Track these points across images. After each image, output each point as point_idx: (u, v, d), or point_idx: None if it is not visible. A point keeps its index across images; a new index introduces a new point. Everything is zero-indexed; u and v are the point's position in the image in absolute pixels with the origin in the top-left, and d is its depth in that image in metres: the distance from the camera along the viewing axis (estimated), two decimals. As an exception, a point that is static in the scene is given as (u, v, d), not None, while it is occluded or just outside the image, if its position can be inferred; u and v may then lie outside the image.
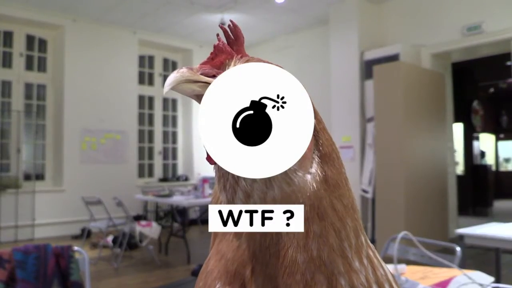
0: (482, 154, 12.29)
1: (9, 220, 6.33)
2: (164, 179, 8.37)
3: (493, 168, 12.49)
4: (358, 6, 6.51)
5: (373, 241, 5.77)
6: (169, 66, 8.82)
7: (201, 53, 8.66)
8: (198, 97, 0.48)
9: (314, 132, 0.52)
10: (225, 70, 0.52)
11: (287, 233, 0.48)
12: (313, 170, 0.50)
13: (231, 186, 0.50)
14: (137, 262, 5.22)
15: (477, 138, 11.42)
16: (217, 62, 0.53)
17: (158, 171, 8.53)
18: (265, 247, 0.49)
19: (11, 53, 6.85)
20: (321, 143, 0.53)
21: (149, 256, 5.31)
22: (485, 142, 13.11)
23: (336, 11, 6.78)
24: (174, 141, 8.89)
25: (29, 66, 7.05)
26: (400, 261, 2.03)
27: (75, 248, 2.29)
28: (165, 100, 8.69)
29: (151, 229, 5.36)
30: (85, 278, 2.21)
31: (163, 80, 8.63)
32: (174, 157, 8.87)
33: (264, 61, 0.54)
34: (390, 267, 1.88)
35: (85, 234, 5.99)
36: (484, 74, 9.64)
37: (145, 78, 8.43)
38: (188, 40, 8.42)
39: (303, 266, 0.47)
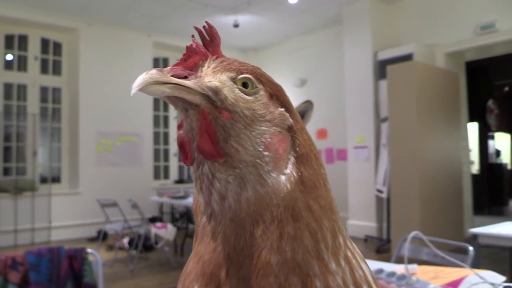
0: (498, 153, 12.16)
1: (25, 223, 6.42)
2: (179, 181, 8.41)
3: (509, 166, 12.26)
4: (371, 6, 6.47)
5: (388, 241, 5.71)
6: (183, 68, 8.86)
7: (214, 55, 8.67)
8: (169, 99, 0.48)
9: (291, 133, 0.52)
10: (198, 71, 0.51)
11: (261, 234, 0.47)
12: (287, 171, 0.50)
13: (207, 188, 0.50)
14: (153, 264, 5.25)
15: (492, 137, 11.28)
16: (190, 64, 0.52)
17: (173, 173, 8.57)
18: (239, 248, 0.48)
19: (26, 57, 6.96)
20: (298, 143, 0.52)
21: (165, 258, 5.34)
22: (501, 141, 12.92)
23: (349, 11, 6.74)
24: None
25: (44, 70, 7.15)
26: (413, 261, 2.01)
27: (89, 250, 2.30)
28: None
29: (167, 231, 5.39)
30: (98, 280, 2.22)
31: (176, 82, 8.67)
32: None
33: (240, 62, 0.54)
34: (401, 267, 1.85)
35: (101, 236, 6.04)
36: (499, 72, 9.48)
37: (159, 80, 8.48)
38: (201, 42, 8.45)
39: (276, 268, 0.46)
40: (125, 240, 5.59)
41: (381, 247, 5.65)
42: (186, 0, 6.43)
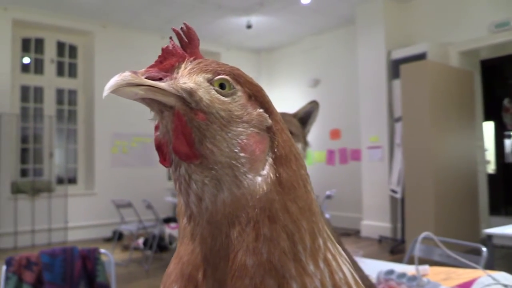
0: (514, 152, 11.89)
1: (43, 224, 6.53)
2: (193, 182, 8.44)
3: (526, 165, 12.01)
4: (384, 5, 6.42)
5: (402, 241, 5.65)
6: (196, 69, 8.91)
7: (229, 56, 8.71)
8: (144, 101, 0.48)
9: (270, 134, 0.52)
10: (174, 73, 0.51)
11: (237, 236, 0.47)
12: (264, 172, 0.50)
13: (185, 189, 0.50)
14: (167, 264, 5.19)
15: (509, 136, 11.05)
16: (167, 65, 0.52)
17: (186, 174, 8.62)
18: (215, 250, 0.48)
19: (42, 60, 7.08)
20: (276, 144, 0.52)
21: (177, 258, 5.36)
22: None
23: (362, 11, 6.70)
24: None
25: (60, 72, 7.27)
26: (426, 262, 1.99)
27: (101, 250, 2.33)
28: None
29: (180, 231, 5.41)
30: (111, 280, 2.25)
31: (190, 83, 8.72)
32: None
33: (218, 63, 0.53)
34: (412, 268, 1.83)
35: (116, 237, 6.11)
36: (515, 71, 9.26)
37: (173, 81, 8.55)
38: (215, 43, 8.49)
39: (252, 269, 0.46)
40: (140, 241, 5.64)
41: (395, 248, 5.59)
42: (199, 1, 6.46)
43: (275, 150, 0.51)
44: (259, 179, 0.49)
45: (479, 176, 6.02)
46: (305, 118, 1.46)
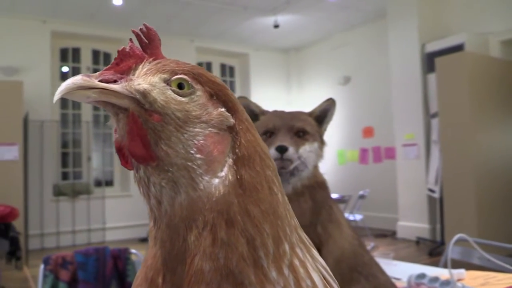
0: None
1: (82, 224, 6.78)
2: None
3: None
4: (418, -4, 6.22)
5: (442, 243, 5.45)
6: (227, 71, 8.99)
7: (258, 56, 8.72)
8: (98, 103, 0.47)
9: (232, 133, 0.50)
10: (130, 74, 0.50)
11: (194, 240, 0.46)
12: (222, 173, 0.48)
13: (146, 192, 0.49)
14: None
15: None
16: (124, 67, 0.50)
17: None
18: (174, 254, 0.47)
19: (79, 68, 7.35)
20: (238, 144, 0.50)
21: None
22: None
23: (393, 3, 6.52)
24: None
25: (96, 79, 7.52)
26: (464, 266, 1.89)
27: (132, 250, 2.37)
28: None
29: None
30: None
31: (221, 85, 8.81)
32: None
33: (178, 62, 0.52)
34: (446, 272, 1.74)
35: (151, 237, 6.22)
36: None
37: (204, 84, 8.65)
38: (243, 44, 8.52)
39: (209, 275, 0.45)
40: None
41: (434, 250, 5.39)
42: (225, 4, 6.51)
43: (236, 150, 0.50)
44: (216, 181, 0.48)
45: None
46: (321, 116, 1.42)
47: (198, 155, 0.48)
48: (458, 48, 5.61)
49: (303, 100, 8.53)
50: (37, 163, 6.42)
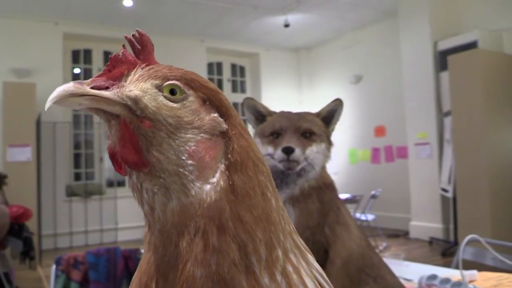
0: None
1: (95, 225, 6.85)
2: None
3: None
4: (429, -7, 6.15)
5: (455, 243, 5.38)
6: (237, 71, 8.99)
7: (268, 56, 8.71)
8: (91, 110, 0.48)
9: (224, 139, 0.50)
10: (122, 81, 0.50)
11: (186, 246, 0.46)
12: (214, 179, 0.48)
13: (139, 198, 0.50)
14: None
15: None
16: (116, 74, 0.50)
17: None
18: (166, 260, 0.48)
19: (91, 70, 7.41)
20: (231, 150, 0.50)
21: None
22: None
23: (405, 1, 6.45)
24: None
25: (107, 80, 7.60)
26: (477, 267, 1.86)
27: (142, 250, 2.38)
28: (234, 105, 8.84)
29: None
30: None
31: (231, 85, 8.82)
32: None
33: (170, 68, 0.52)
34: (457, 273, 1.71)
35: (163, 237, 6.26)
36: None
37: (214, 84, 8.65)
38: (254, 44, 8.52)
39: (200, 281, 0.45)
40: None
41: (447, 250, 5.32)
42: (235, 4, 6.51)
43: (229, 156, 0.49)
44: (207, 187, 0.48)
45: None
46: (328, 117, 1.41)
47: (189, 161, 0.47)
48: (471, 45, 5.53)
49: (314, 99, 8.49)
50: (50, 164, 6.50)
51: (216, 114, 0.51)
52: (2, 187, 4.25)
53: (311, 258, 0.53)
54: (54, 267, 2.25)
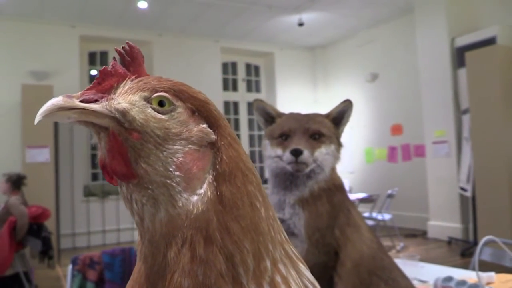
0: None
1: (112, 224, 6.93)
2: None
3: None
4: (446, -11, 6.04)
5: (475, 243, 5.27)
6: (252, 71, 8.99)
7: (283, 55, 8.69)
8: (80, 123, 0.48)
9: (213, 149, 0.50)
10: (111, 93, 0.50)
11: (173, 256, 0.46)
12: (201, 190, 0.48)
13: (130, 209, 0.51)
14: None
15: None
16: (106, 86, 0.51)
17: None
18: (155, 270, 0.48)
19: (106, 71, 7.52)
20: (219, 160, 0.50)
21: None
22: None
23: (421, -3, 6.36)
24: (261, 144, 9.01)
25: (123, 81, 7.68)
26: (495, 268, 1.82)
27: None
28: (249, 105, 8.86)
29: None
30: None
31: (246, 85, 8.83)
32: (261, 160, 8.99)
33: (159, 80, 0.52)
34: (473, 275, 1.67)
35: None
36: None
37: (229, 84, 8.68)
38: (268, 43, 8.50)
39: None
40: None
41: (466, 250, 5.22)
42: (249, 4, 6.51)
43: (217, 166, 0.50)
44: (194, 198, 0.48)
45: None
46: (338, 118, 1.40)
47: (177, 173, 0.48)
48: (490, 41, 5.43)
49: (329, 98, 8.43)
50: (68, 165, 6.61)
51: (205, 125, 0.51)
52: (21, 187, 4.34)
53: (302, 267, 0.53)
54: (70, 266, 2.28)
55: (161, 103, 0.50)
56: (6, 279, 4.02)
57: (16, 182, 4.28)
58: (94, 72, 7.50)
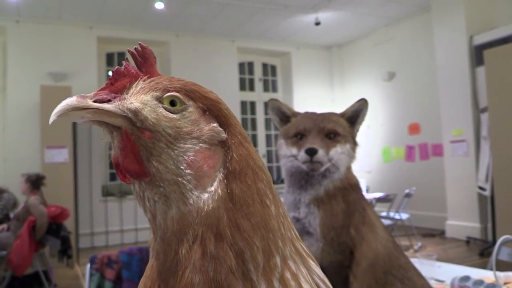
0: None
1: (130, 224, 7.01)
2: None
3: None
4: (464, -13, 5.94)
5: (493, 243, 5.18)
6: (268, 70, 8.99)
7: (299, 54, 8.67)
8: (94, 123, 0.49)
9: (224, 148, 0.51)
10: (124, 93, 0.52)
11: (185, 253, 0.48)
12: (212, 188, 0.49)
13: (143, 206, 0.52)
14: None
15: None
16: (119, 86, 0.52)
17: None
18: (167, 266, 0.49)
19: (123, 72, 7.62)
20: (229, 159, 0.51)
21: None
22: None
23: (439, -5, 6.27)
24: (276, 143, 9.01)
25: (140, 82, 7.77)
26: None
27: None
28: (266, 105, 8.85)
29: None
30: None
31: (263, 85, 8.84)
32: (278, 159, 8.98)
33: (171, 80, 0.53)
34: (490, 275, 1.65)
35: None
36: None
37: (245, 84, 8.70)
38: (285, 43, 8.49)
39: (198, 287, 0.46)
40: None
41: (485, 250, 5.13)
42: (266, 3, 6.51)
43: (227, 165, 0.51)
44: (205, 195, 0.49)
45: None
46: (353, 117, 1.39)
47: (188, 171, 0.49)
48: (508, 39, 5.35)
49: (346, 97, 8.37)
50: (86, 165, 6.72)
51: (215, 124, 0.52)
52: (40, 187, 4.41)
53: (313, 264, 0.53)
54: (88, 265, 2.32)
55: (172, 103, 0.51)
56: (26, 278, 4.11)
57: (35, 182, 4.36)
58: (111, 73, 7.59)
